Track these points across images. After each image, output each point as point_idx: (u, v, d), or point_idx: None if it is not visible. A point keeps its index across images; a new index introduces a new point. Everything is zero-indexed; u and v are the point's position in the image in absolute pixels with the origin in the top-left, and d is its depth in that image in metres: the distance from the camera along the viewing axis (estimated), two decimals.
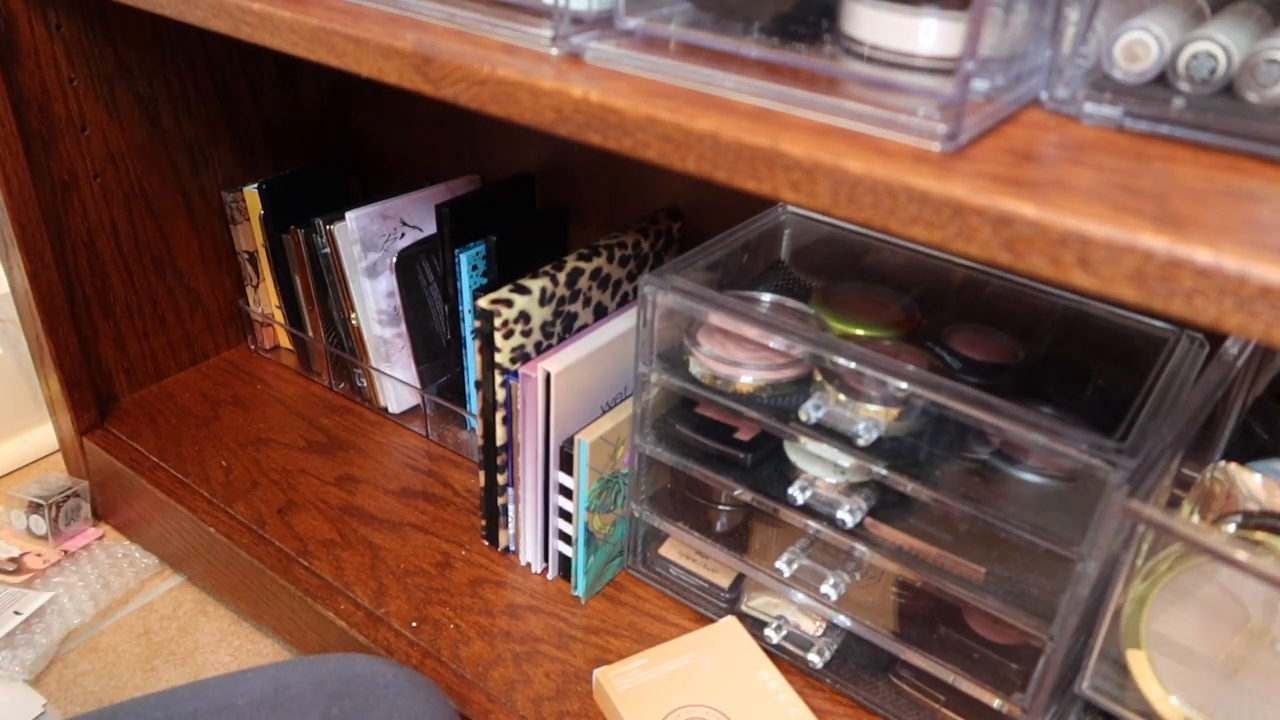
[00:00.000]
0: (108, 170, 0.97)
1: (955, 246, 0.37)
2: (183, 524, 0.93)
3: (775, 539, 0.76)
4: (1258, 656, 0.49)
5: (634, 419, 0.77)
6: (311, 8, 0.57)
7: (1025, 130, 0.43)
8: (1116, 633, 0.53)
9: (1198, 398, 0.59)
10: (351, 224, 0.96)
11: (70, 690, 0.89)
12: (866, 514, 0.67)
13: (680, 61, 0.47)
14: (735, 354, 0.71)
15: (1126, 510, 0.50)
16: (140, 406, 1.07)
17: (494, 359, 0.77)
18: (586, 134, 0.46)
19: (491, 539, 0.88)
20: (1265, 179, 0.38)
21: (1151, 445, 0.53)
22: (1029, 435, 0.56)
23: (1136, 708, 0.53)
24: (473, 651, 0.78)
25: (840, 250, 0.82)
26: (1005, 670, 0.65)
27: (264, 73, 1.08)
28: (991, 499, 0.61)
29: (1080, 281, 0.35)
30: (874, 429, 0.64)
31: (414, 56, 0.51)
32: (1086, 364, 0.71)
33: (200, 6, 0.62)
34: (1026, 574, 0.61)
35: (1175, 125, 0.41)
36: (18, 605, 0.95)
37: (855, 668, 0.74)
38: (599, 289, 0.86)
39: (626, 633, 0.80)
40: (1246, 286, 0.31)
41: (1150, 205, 0.35)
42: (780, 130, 0.41)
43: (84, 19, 0.90)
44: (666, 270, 0.71)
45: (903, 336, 0.73)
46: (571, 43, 0.50)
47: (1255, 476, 0.55)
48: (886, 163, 0.38)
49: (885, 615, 0.70)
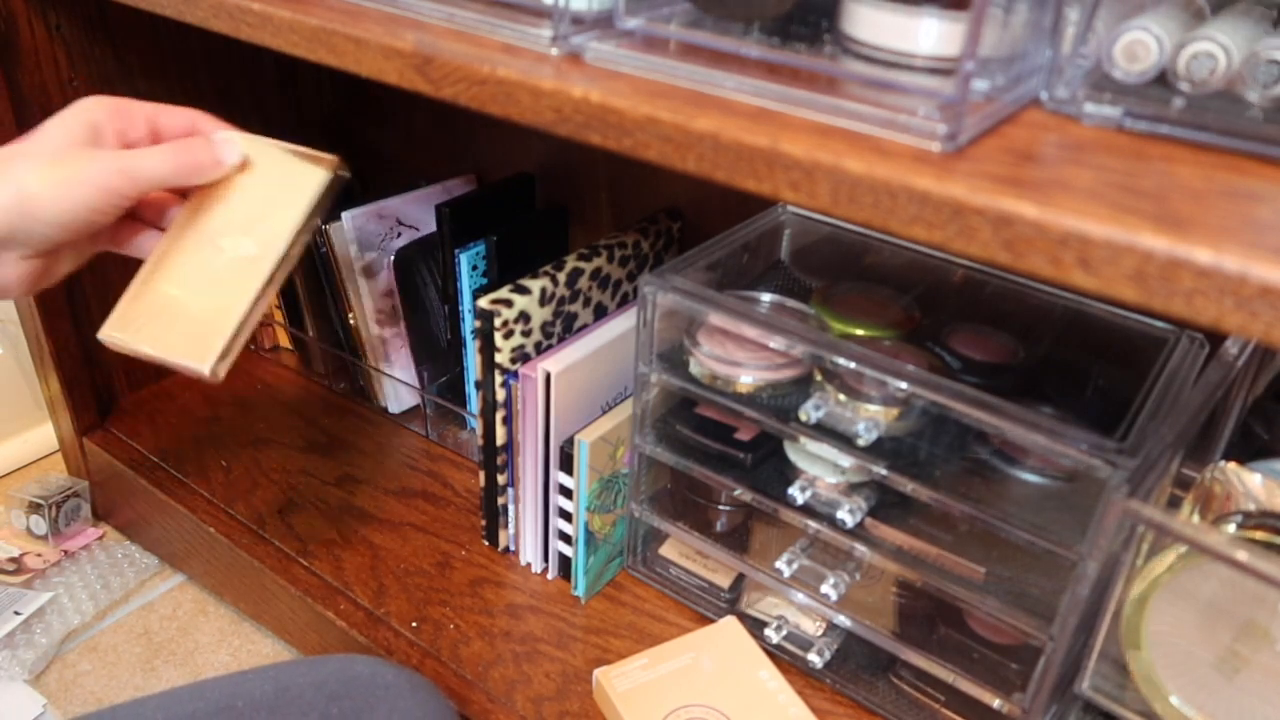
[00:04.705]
0: None
1: (955, 246, 0.37)
2: (183, 524, 0.93)
3: (775, 539, 0.76)
4: (1258, 656, 0.49)
5: (634, 419, 0.77)
6: (311, 8, 0.57)
7: (1025, 130, 0.43)
8: (1116, 633, 0.53)
9: (1198, 398, 0.59)
10: (348, 223, 0.96)
11: (70, 690, 0.89)
12: (866, 514, 0.67)
13: (680, 61, 0.47)
14: (735, 354, 0.71)
15: (1126, 510, 0.50)
16: (140, 406, 1.07)
17: (494, 359, 0.77)
18: (586, 134, 0.46)
19: (491, 539, 0.88)
20: (1265, 179, 0.38)
21: (1151, 445, 0.53)
22: (1029, 435, 0.56)
23: (1136, 708, 0.53)
24: (473, 651, 0.78)
25: (840, 250, 0.82)
26: (1005, 670, 0.65)
27: (264, 73, 1.08)
28: (991, 499, 0.61)
29: (1080, 281, 0.35)
30: (874, 429, 0.64)
31: (414, 56, 0.51)
32: (1086, 364, 0.71)
33: (200, 6, 0.62)
34: (1026, 574, 0.61)
35: (1175, 125, 0.41)
36: (18, 605, 0.95)
37: (855, 668, 0.74)
38: (599, 289, 0.86)
39: (626, 633, 0.80)
40: (1246, 286, 0.31)
41: (1150, 205, 0.35)
42: (780, 130, 0.41)
43: (84, 19, 0.90)
44: (666, 270, 0.71)
45: (903, 336, 0.73)
46: (571, 43, 0.50)
47: (1255, 476, 0.55)
48: (886, 163, 0.38)
49: (885, 615, 0.70)
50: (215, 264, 0.61)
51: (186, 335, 0.60)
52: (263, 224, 0.62)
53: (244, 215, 0.62)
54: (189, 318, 0.61)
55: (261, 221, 0.62)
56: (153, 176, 0.57)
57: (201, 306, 0.61)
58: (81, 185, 0.54)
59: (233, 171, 0.62)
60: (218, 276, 0.61)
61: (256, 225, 0.62)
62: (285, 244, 0.61)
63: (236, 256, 0.61)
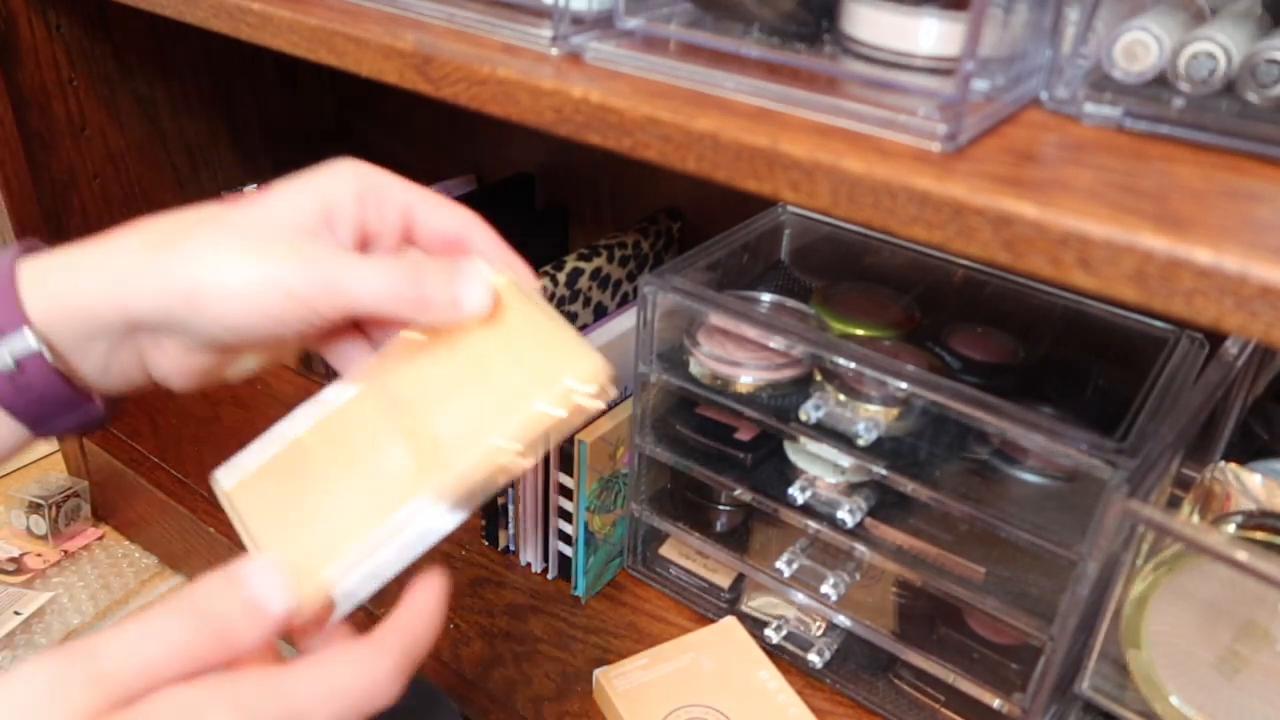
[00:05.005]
0: (107, 171, 0.97)
1: (955, 246, 0.37)
2: (183, 524, 0.93)
3: (775, 539, 0.76)
4: (1258, 656, 0.49)
5: (634, 419, 0.77)
6: (311, 8, 0.57)
7: (1025, 130, 0.43)
8: (1116, 633, 0.53)
9: (1198, 398, 0.59)
10: None
11: None
12: (866, 514, 0.67)
13: (680, 61, 0.47)
14: (735, 354, 0.71)
15: (1126, 510, 0.50)
16: (140, 406, 1.07)
17: None
18: (586, 134, 0.46)
19: (491, 539, 0.88)
20: (1265, 179, 0.38)
21: (1151, 445, 0.53)
22: (1029, 435, 0.56)
23: (1136, 708, 0.53)
24: (473, 651, 0.78)
25: (840, 250, 0.82)
26: (1005, 670, 0.65)
27: (264, 73, 1.08)
28: (991, 499, 0.61)
29: (1080, 281, 0.35)
30: (874, 429, 0.64)
31: (414, 56, 0.51)
32: (1086, 364, 0.71)
33: (200, 6, 0.62)
34: (1026, 574, 0.61)
35: (1175, 125, 0.41)
36: (18, 605, 0.95)
37: (855, 668, 0.74)
38: (599, 289, 0.86)
39: (626, 633, 0.80)
40: (1246, 286, 0.31)
41: (1150, 205, 0.35)
42: (780, 130, 0.41)
43: (84, 19, 0.90)
44: (666, 270, 0.71)
45: (903, 336, 0.73)
46: (571, 43, 0.50)
47: (1255, 476, 0.55)
48: (886, 163, 0.38)
49: (885, 615, 0.70)
50: (387, 445, 0.40)
51: (300, 540, 0.40)
52: (469, 413, 0.40)
53: (453, 390, 0.41)
54: (318, 510, 0.40)
55: (470, 409, 0.40)
56: (362, 300, 0.40)
57: (342, 502, 0.40)
58: (270, 290, 0.39)
59: (470, 322, 0.42)
60: (382, 466, 0.40)
61: (461, 411, 0.40)
62: (481, 456, 0.38)
63: (417, 445, 0.40)
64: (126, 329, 0.41)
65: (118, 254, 0.41)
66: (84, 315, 0.40)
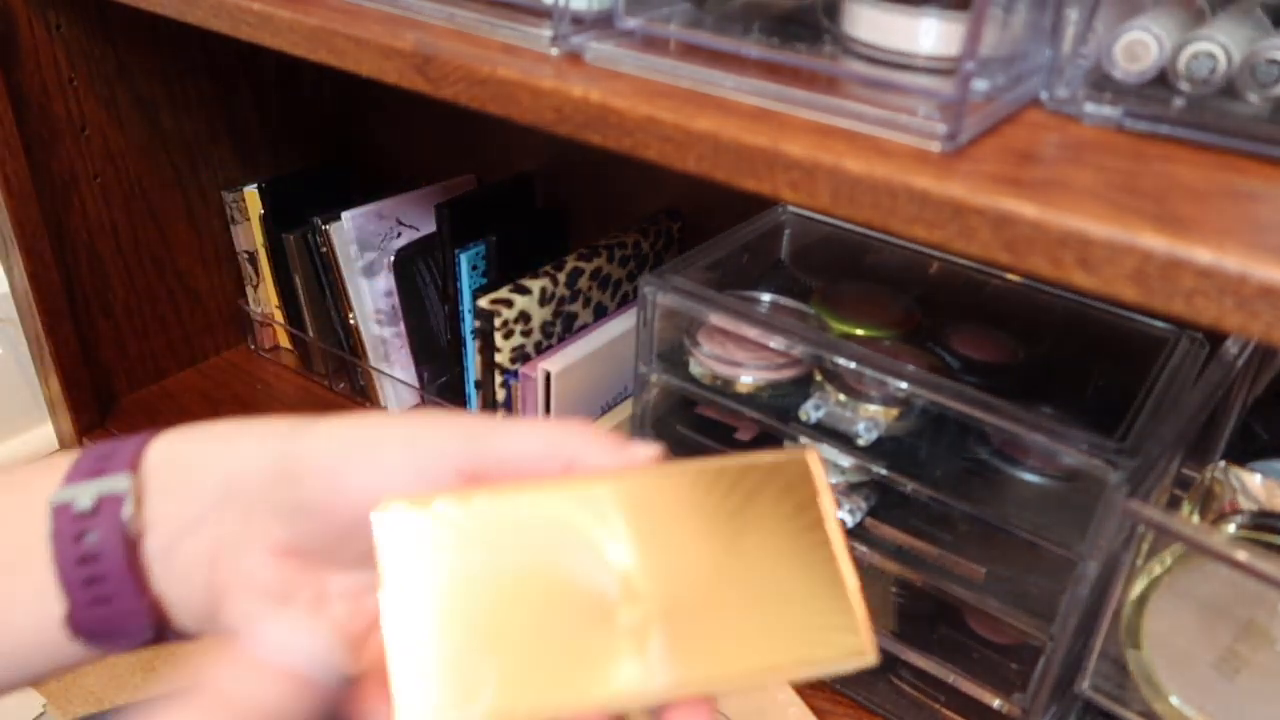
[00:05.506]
0: (107, 170, 0.97)
1: (955, 246, 0.37)
2: None
3: None
4: (1258, 656, 0.49)
5: (634, 419, 0.77)
6: (311, 8, 0.57)
7: (1025, 130, 0.43)
8: (1116, 633, 0.53)
9: (1198, 398, 0.59)
10: (347, 223, 0.96)
11: (70, 690, 0.89)
12: (867, 514, 0.67)
13: (680, 61, 0.47)
14: (735, 354, 0.71)
15: (1126, 510, 0.50)
16: (140, 406, 1.07)
17: (494, 359, 0.77)
18: (586, 134, 0.46)
19: None
20: (1265, 179, 0.38)
21: (1151, 445, 0.53)
22: (1029, 435, 0.56)
23: (1136, 708, 0.53)
24: None
25: (840, 250, 0.82)
26: (1005, 670, 0.65)
27: (264, 73, 1.08)
28: (991, 499, 0.61)
29: (1080, 281, 0.35)
30: (874, 429, 0.64)
31: (414, 56, 0.51)
32: (1086, 364, 0.71)
33: (200, 6, 0.62)
34: (1026, 574, 0.61)
35: (1175, 125, 0.41)
36: None
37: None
38: (599, 289, 0.86)
39: None
40: (1246, 286, 0.31)
41: (1150, 205, 0.35)
42: (780, 130, 0.41)
43: (84, 19, 0.90)
44: (666, 270, 0.71)
45: (903, 336, 0.73)
46: (571, 43, 0.50)
47: (1255, 476, 0.55)
48: (886, 163, 0.38)
49: (885, 615, 0.70)
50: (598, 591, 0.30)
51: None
52: (726, 619, 0.31)
53: (703, 579, 0.31)
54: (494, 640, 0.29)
55: (728, 617, 0.31)
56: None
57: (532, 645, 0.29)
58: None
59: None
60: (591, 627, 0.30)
61: (714, 611, 0.31)
62: (738, 676, 0.30)
63: (643, 619, 0.30)
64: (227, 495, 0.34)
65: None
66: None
